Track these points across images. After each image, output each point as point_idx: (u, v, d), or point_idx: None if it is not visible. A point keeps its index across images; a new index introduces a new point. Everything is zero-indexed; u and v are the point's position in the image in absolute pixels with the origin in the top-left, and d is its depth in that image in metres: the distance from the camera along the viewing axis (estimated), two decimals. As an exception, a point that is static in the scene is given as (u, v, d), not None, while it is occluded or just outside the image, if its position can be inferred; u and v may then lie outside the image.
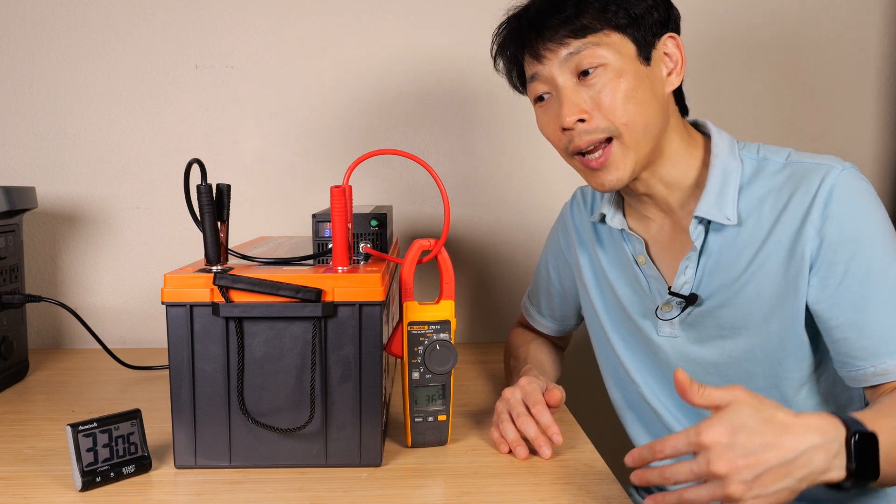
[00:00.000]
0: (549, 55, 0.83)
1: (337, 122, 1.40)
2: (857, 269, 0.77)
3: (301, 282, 0.77)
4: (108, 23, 1.36)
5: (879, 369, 0.77)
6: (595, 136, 0.83)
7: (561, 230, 1.09)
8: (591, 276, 1.02)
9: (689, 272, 0.87)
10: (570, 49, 0.82)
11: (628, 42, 0.82)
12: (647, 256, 0.92)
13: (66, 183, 1.38)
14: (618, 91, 0.81)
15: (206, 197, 0.77)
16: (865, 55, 1.44)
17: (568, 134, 0.84)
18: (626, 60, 0.82)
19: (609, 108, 0.81)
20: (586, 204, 1.05)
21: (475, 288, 1.45)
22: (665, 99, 0.86)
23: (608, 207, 0.95)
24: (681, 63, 0.86)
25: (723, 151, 0.86)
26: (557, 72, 0.83)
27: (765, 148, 0.87)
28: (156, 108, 1.38)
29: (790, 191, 0.82)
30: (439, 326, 0.84)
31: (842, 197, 0.79)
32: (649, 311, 0.93)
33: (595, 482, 0.77)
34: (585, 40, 0.81)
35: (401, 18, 1.38)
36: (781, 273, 0.81)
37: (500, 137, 1.41)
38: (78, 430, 0.74)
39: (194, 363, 0.78)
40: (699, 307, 0.87)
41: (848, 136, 1.45)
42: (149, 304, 1.40)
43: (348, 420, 0.79)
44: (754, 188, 0.85)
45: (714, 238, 0.86)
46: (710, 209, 0.84)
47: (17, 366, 1.15)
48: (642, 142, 0.83)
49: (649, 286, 0.92)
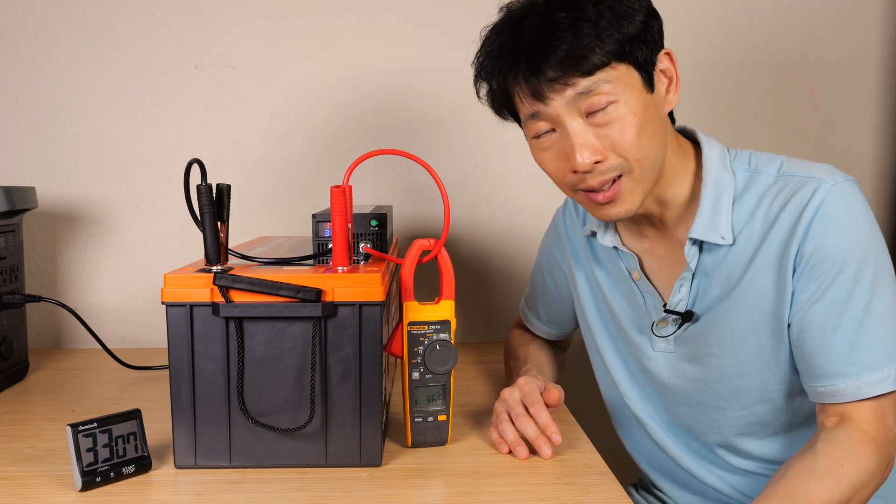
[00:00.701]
0: (554, 96, 0.77)
1: (337, 122, 1.40)
2: (832, 290, 0.77)
3: (301, 282, 0.77)
4: (108, 23, 1.36)
5: (829, 390, 0.78)
6: (609, 175, 0.79)
7: (554, 237, 1.07)
8: (587, 290, 1.00)
9: (684, 290, 0.86)
10: (579, 89, 0.76)
11: (633, 71, 0.78)
12: (642, 272, 0.91)
13: (66, 183, 1.38)
14: (631, 128, 0.77)
15: (206, 197, 0.77)
16: (865, 56, 1.44)
17: (579, 175, 0.80)
18: (633, 93, 0.77)
19: (624, 146, 0.77)
20: (578, 213, 1.02)
21: (475, 288, 1.45)
22: (666, 121, 0.83)
23: (598, 225, 0.93)
24: (675, 78, 0.82)
25: (714, 166, 0.84)
26: (564, 112, 0.78)
27: (756, 157, 0.85)
28: (156, 108, 1.38)
29: (780, 205, 0.80)
30: (439, 326, 0.84)
31: (827, 215, 0.77)
32: (645, 327, 0.92)
33: (595, 482, 0.77)
34: (594, 78, 0.76)
35: (401, 18, 1.38)
36: (771, 287, 0.81)
37: (501, 137, 1.41)
38: (78, 430, 0.74)
39: (194, 363, 0.78)
40: (695, 324, 0.87)
41: (848, 137, 1.45)
42: (149, 304, 1.40)
43: (348, 420, 0.79)
44: (746, 201, 0.83)
45: (707, 257, 0.85)
46: (704, 230, 0.82)
47: (17, 366, 1.15)
48: (652, 173, 0.81)
49: (645, 301, 0.91)
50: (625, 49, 0.76)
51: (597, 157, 0.78)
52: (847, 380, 0.76)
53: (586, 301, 1.00)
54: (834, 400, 0.77)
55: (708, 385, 0.88)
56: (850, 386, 0.76)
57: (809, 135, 1.45)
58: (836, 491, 0.73)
